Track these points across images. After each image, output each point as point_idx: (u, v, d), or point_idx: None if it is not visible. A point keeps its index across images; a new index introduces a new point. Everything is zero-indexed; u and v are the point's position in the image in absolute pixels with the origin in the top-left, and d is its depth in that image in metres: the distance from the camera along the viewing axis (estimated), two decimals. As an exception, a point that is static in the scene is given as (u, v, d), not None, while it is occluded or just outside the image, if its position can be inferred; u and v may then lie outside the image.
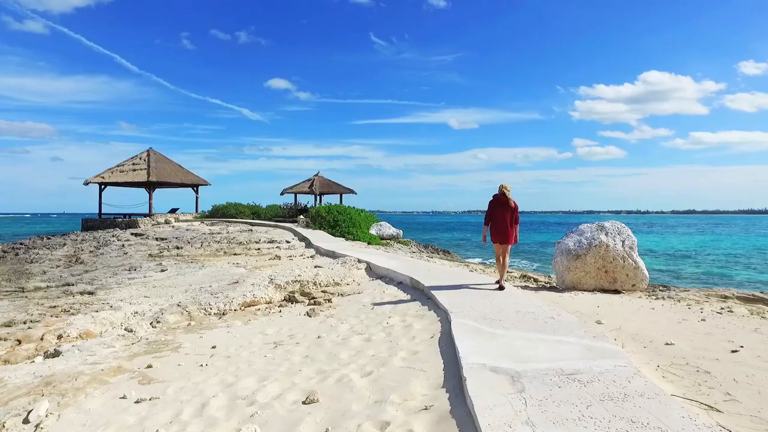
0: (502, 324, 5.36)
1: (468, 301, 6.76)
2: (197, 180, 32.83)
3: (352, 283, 10.46)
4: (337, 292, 9.48)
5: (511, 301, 6.65)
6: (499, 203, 8.34)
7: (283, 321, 7.21)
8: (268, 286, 9.78)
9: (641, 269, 9.18)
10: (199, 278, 11.80)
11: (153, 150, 31.09)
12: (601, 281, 9.24)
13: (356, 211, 26.01)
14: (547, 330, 5.05)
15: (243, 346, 5.83)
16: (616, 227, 9.54)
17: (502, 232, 8.27)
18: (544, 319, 5.57)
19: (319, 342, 5.71)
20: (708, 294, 10.33)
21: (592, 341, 4.59)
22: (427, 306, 7.02)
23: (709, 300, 9.45)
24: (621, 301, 7.95)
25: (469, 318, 5.69)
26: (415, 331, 5.74)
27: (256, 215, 32.46)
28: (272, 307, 8.41)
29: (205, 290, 9.94)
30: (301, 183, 30.82)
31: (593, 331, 5.07)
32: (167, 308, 8.26)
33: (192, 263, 15.10)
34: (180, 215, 31.97)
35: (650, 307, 7.43)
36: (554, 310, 6.03)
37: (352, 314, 7.16)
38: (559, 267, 9.65)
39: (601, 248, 9.17)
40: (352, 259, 12.65)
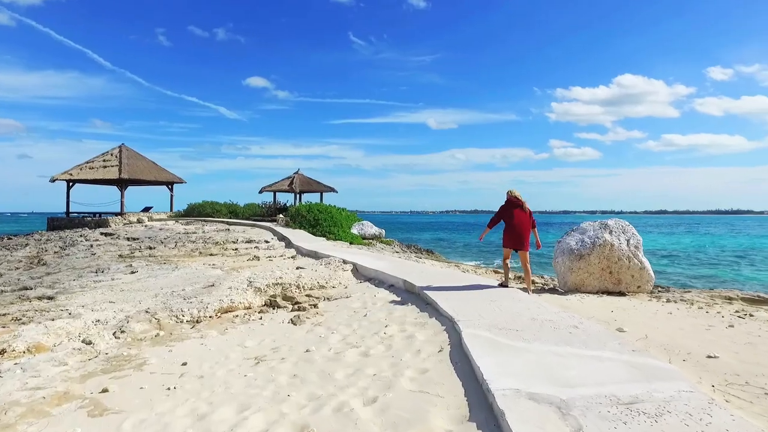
0: (520, 335, 4.63)
1: (473, 306, 6.02)
2: (172, 178, 31.44)
3: (339, 285, 9.63)
4: (323, 296, 8.65)
5: (522, 307, 5.93)
6: (514, 206, 7.74)
7: (264, 330, 6.36)
8: (246, 289, 8.89)
9: (647, 270, 8.58)
10: (172, 281, 10.82)
11: (125, 146, 29.61)
12: (605, 283, 8.62)
13: (337, 210, 25.15)
14: (576, 342, 4.33)
15: (219, 362, 4.97)
16: (620, 225, 8.94)
17: (520, 236, 7.67)
18: (567, 328, 4.86)
19: (309, 357, 4.88)
20: (712, 295, 9.82)
21: (633, 356, 3.88)
22: (427, 312, 6.25)
23: (718, 302, 8.92)
24: (633, 304, 7.32)
25: (480, 328, 4.94)
26: (419, 344, 4.96)
27: (234, 214, 31.27)
28: (252, 314, 7.53)
29: (178, 294, 8.98)
30: (280, 181, 29.77)
31: (629, 343, 4.36)
32: (134, 315, 7.30)
33: (165, 264, 14.05)
34: (154, 214, 30.55)
35: (666, 311, 6.81)
36: (573, 318, 5.33)
37: (343, 322, 6.35)
38: (560, 268, 9.00)
39: (606, 248, 8.55)
40: (337, 260, 11.82)
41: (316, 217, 23.06)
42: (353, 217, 25.71)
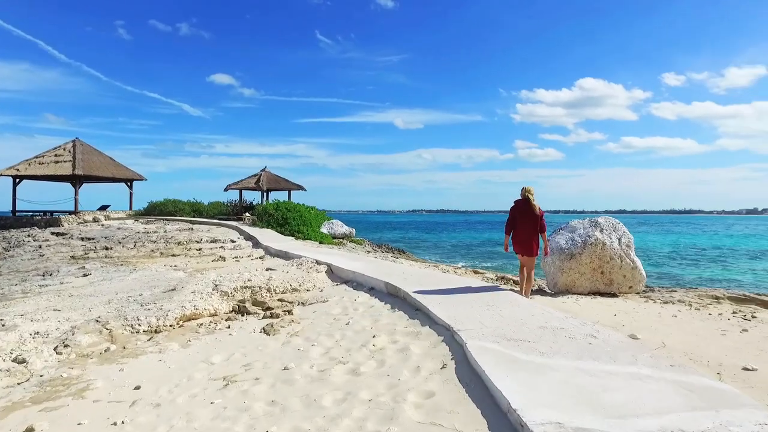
0: (535, 347, 4.00)
1: (470, 312, 5.37)
2: (131, 174, 29.71)
3: (313, 289, 8.85)
4: (297, 301, 7.85)
5: (524, 313, 5.32)
6: (521, 210, 7.12)
7: (233, 341, 5.53)
8: (212, 293, 8.00)
9: (639, 270, 8.16)
10: (129, 284, 9.78)
11: (80, 140, 27.72)
12: (596, 283, 8.15)
13: (306, 209, 24.23)
14: (602, 356, 3.73)
15: (180, 384, 4.14)
16: (610, 223, 8.49)
17: (526, 242, 7.05)
18: (583, 338, 4.26)
19: (288, 377, 4.11)
20: (699, 295, 9.53)
21: (677, 373, 3.30)
22: (417, 320, 5.56)
23: (709, 302, 8.60)
24: (631, 306, 6.84)
25: (485, 338, 4.29)
26: (416, 358, 4.27)
27: (198, 213, 29.83)
28: (218, 322, 6.67)
29: (135, 300, 8.01)
30: (247, 179, 28.54)
31: (662, 355, 3.80)
32: (82, 326, 6.34)
33: (122, 266, 12.91)
34: (111, 213, 28.79)
35: (669, 314, 6.35)
36: (586, 325, 4.74)
37: (323, 332, 5.59)
38: (550, 268, 8.48)
39: (597, 247, 8.08)
40: (310, 261, 11.02)
41: (285, 216, 22.10)
42: (322, 215, 24.85)
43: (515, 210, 7.18)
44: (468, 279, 9.05)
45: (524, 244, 7.06)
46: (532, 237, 7.05)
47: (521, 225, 7.10)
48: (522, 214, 7.08)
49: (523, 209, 7.09)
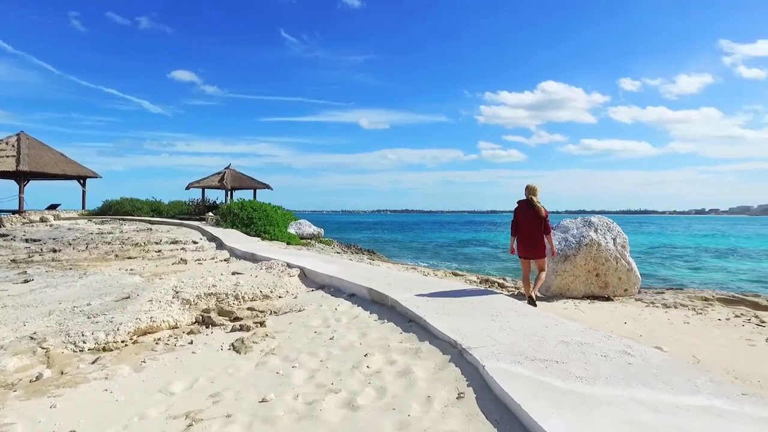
0: (568, 370, 3.32)
1: (474, 324, 4.67)
2: (84, 171, 27.76)
3: (286, 295, 7.98)
4: (269, 309, 6.97)
5: (537, 324, 4.65)
6: (525, 211, 6.51)
7: (197, 362, 4.64)
8: (172, 302, 7.03)
9: (635, 271, 7.69)
10: (76, 292, 8.64)
11: (25, 134, 25.62)
12: (591, 286, 7.63)
13: (273, 208, 23.16)
14: (653, 381, 3.08)
15: (129, 425, 3.25)
16: (604, 222, 8.00)
17: (530, 244, 6.45)
18: (617, 356, 3.62)
19: (268, 413, 3.29)
20: (688, 296, 9.17)
21: (757, 407, 2.67)
22: (414, 333, 4.82)
23: (707, 305, 8.23)
24: (636, 311, 6.32)
25: (504, 359, 3.58)
26: (423, 384, 3.52)
27: (157, 212, 28.19)
28: (179, 336, 5.73)
29: (81, 311, 6.94)
30: (210, 177, 27.11)
31: (721, 379, 3.17)
32: (11, 344, 5.29)
33: (71, 270, 11.63)
34: (61, 212, 26.81)
35: (680, 320, 5.84)
36: (612, 339, 4.10)
37: (305, 348, 4.77)
38: (541, 271, 7.91)
39: (593, 247, 7.56)
40: (280, 263, 10.13)
41: (250, 216, 20.99)
42: (289, 215, 23.84)
43: (518, 212, 6.58)
44: (454, 283, 8.38)
45: (529, 246, 6.46)
46: (537, 239, 6.46)
47: (525, 227, 6.53)
48: (525, 215, 6.50)
49: (526, 211, 6.51)
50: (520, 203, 6.62)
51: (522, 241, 6.54)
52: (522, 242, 6.54)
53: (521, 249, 6.58)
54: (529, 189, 6.59)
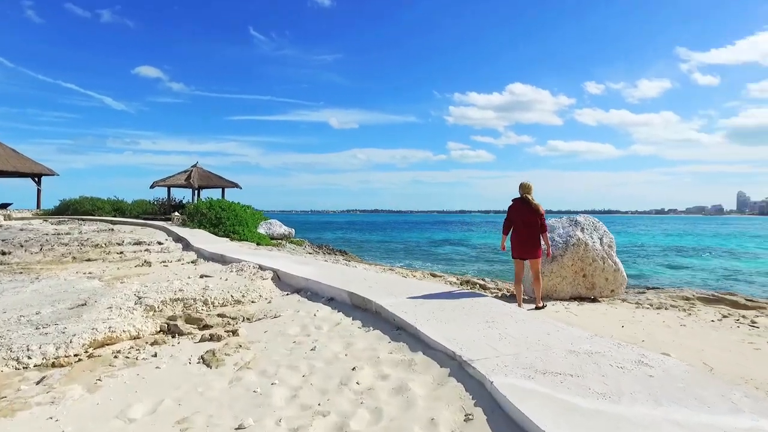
0: (586, 385, 2.96)
1: (470, 331, 4.28)
2: (39, 169, 26.21)
3: (260, 300, 7.44)
4: (242, 316, 6.43)
5: (537, 331, 4.29)
6: (519, 210, 6.20)
7: (162, 379, 4.09)
8: (134, 308, 6.40)
9: (621, 272, 7.48)
10: (25, 299, 7.86)
11: (-24, 130, 24.04)
12: (578, 287, 7.38)
13: (242, 208, 22.36)
14: (686, 398, 2.74)
15: (78, 463, 2.71)
16: (590, 222, 7.77)
17: (526, 244, 6.13)
18: (636, 366, 3.28)
19: (246, 443, 2.81)
20: (669, 296, 9.05)
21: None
22: (404, 343, 4.39)
23: (693, 304, 8.10)
24: (629, 313, 6.07)
25: (513, 373, 3.20)
26: (423, 404, 3.10)
27: (120, 212, 26.91)
28: (142, 347, 5.14)
29: (29, 321, 6.24)
30: (176, 175, 26.01)
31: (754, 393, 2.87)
32: (-56, 361, 4.62)
33: (22, 274, 10.72)
34: (13, 212, 25.23)
35: (675, 322, 5.61)
36: (622, 347, 3.78)
37: (284, 361, 4.28)
38: (528, 272, 7.62)
39: (580, 247, 7.31)
40: (251, 265, 9.56)
41: (219, 215, 20.17)
42: (259, 215, 23.10)
43: (512, 210, 6.27)
44: (436, 285, 8.00)
45: (525, 246, 6.15)
46: (533, 239, 6.16)
47: (520, 226, 6.23)
48: (520, 214, 6.19)
49: (521, 209, 6.20)
50: (515, 201, 6.32)
51: (517, 240, 6.23)
52: (517, 242, 6.23)
53: (516, 249, 6.27)
54: (523, 187, 6.29)
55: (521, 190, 6.28)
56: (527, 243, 6.15)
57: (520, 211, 6.20)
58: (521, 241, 6.18)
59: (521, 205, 6.21)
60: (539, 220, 6.17)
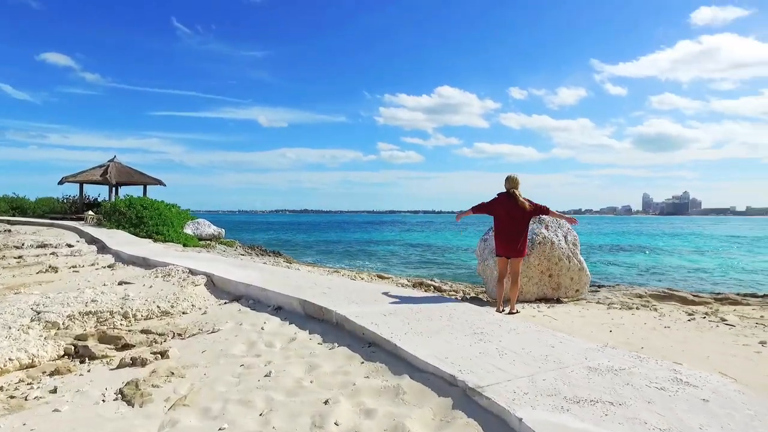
0: (642, 419, 2.31)
1: (460, 346, 3.56)
2: None
3: (192, 310, 6.32)
4: (172, 331, 5.31)
5: (538, 342, 3.64)
6: (505, 203, 5.65)
7: (60, 430, 3.00)
8: (28, 327, 5.10)
9: (586, 271, 7.12)
10: None
11: None
12: (544, 288, 6.93)
13: (166, 206, 20.44)
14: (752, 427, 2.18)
15: None
16: (553, 219, 7.36)
17: (512, 241, 5.58)
18: (676, 386, 2.70)
19: None
20: (625, 293, 8.90)
21: None
22: (381, 363, 3.57)
23: (648, 301, 7.93)
24: (607, 316, 5.64)
25: (540, 403, 2.50)
26: (433, 454, 2.33)
27: (20, 211, 23.81)
28: (36, 381, 3.94)
29: None
30: (90, 170, 23.33)
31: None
32: None
33: None
34: None
35: (658, 324, 5.22)
36: (644, 360, 3.20)
37: (231, 394, 3.33)
38: (492, 272, 7.07)
39: (546, 246, 6.87)
40: (180, 269, 8.34)
41: (140, 214, 18.24)
42: (186, 214, 21.28)
43: (497, 204, 5.68)
44: (391, 287, 7.27)
45: (510, 244, 5.56)
46: (519, 235, 5.58)
47: (504, 223, 5.64)
48: (507, 209, 5.61)
49: (507, 203, 5.62)
50: (500, 196, 5.72)
51: (502, 237, 5.63)
52: (502, 238, 5.63)
53: (500, 246, 5.68)
54: (510, 180, 5.71)
55: (507, 184, 5.70)
56: (513, 240, 5.58)
57: (506, 205, 5.62)
58: (506, 239, 5.60)
59: (507, 200, 5.63)
60: (526, 216, 5.63)
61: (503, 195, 5.69)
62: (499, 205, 5.64)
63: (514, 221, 5.57)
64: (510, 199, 5.59)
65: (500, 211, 5.64)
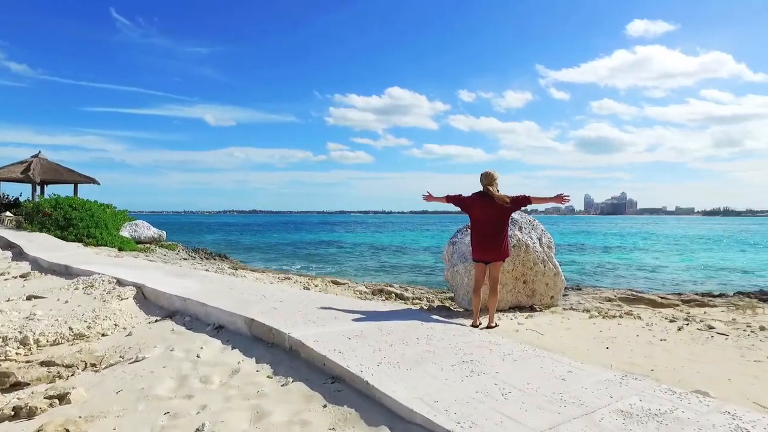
0: None
1: (455, 384, 2.79)
2: None
3: (114, 330, 5.25)
4: (83, 362, 4.25)
5: (543, 372, 2.93)
6: (479, 202, 4.95)
7: None
8: None
9: (561, 276, 6.57)
10: None
11: None
12: (518, 295, 6.32)
13: (100, 207, 18.66)
14: None
15: None
16: (527, 220, 6.77)
17: (489, 243, 4.91)
18: None
19: None
20: (594, 297, 8.48)
21: None
22: (351, 408, 2.74)
23: (620, 305, 7.52)
24: (594, 327, 5.06)
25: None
26: None
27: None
28: None
29: None
30: (9, 166, 20.87)
31: None
32: None
33: None
34: None
35: (651, 336, 4.68)
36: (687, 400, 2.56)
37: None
38: (461, 279, 6.37)
39: (520, 249, 6.26)
40: (106, 279, 7.17)
41: (69, 216, 16.46)
42: (123, 215, 19.56)
43: (472, 204, 4.99)
44: (353, 299, 6.47)
45: (488, 246, 4.92)
46: (498, 236, 4.93)
47: (480, 223, 4.96)
48: (483, 208, 4.92)
49: (481, 203, 4.93)
50: (476, 194, 5.05)
51: (478, 239, 4.98)
52: (478, 241, 4.98)
53: (477, 250, 5.00)
54: (486, 176, 5.01)
55: (483, 180, 5.01)
56: (491, 242, 4.93)
57: (481, 204, 4.94)
58: (484, 240, 4.93)
59: (482, 199, 4.96)
60: (507, 212, 4.97)
61: (477, 194, 5.04)
62: (474, 204, 4.98)
63: (492, 221, 4.92)
64: (484, 197, 4.94)
65: (475, 212, 4.98)
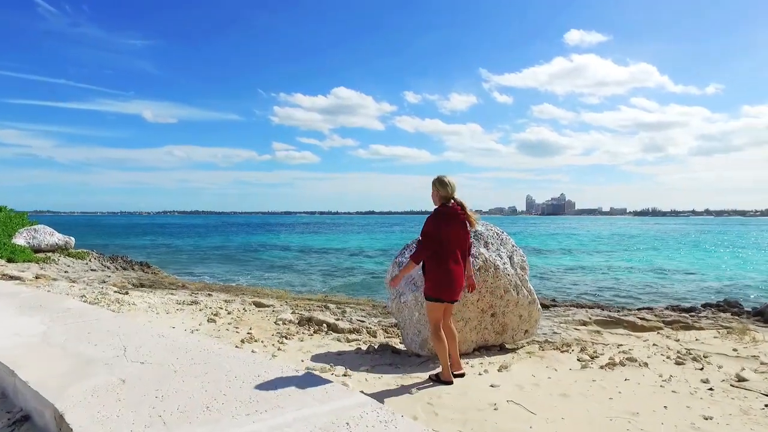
0: None
1: None
2: None
3: None
4: None
5: None
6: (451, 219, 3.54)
7: None
8: None
9: (536, 303, 5.08)
10: None
11: None
12: (485, 333, 4.76)
13: (-11, 210, 15.68)
14: None
15: None
16: (494, 233, 5.20)
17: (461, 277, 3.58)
18: None
19: None
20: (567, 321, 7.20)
21: None
22: None
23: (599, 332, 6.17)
24: (594, 386, 3.55)
25: None
26: None
27: None
28: None
29: None
30: None
31: None
32: None
33: None
34: None
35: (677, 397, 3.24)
36: None
37: None
38: (410, 314, 4.70)
39: (488, 274, 4.69)
40: None
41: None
42: (20, 219, 16.65)
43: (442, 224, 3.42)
44: (251, 358, 4.65)
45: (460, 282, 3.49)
46: (465, 266, 3.47)
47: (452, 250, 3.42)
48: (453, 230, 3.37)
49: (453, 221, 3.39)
50: (442, 209, 3.48)
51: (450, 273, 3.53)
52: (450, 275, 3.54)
53: (447, 288, 3.58)
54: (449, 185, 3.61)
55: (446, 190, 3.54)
56: (461, 275, 3.58)
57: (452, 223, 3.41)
58: (457, 275, 3.44)
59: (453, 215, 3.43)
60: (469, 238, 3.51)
61: (444, 208, 3.48)
62: (445, 225, 3.44)
63: (460, 248, 3.46)
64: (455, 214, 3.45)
65: (449, 235, 3.44)
